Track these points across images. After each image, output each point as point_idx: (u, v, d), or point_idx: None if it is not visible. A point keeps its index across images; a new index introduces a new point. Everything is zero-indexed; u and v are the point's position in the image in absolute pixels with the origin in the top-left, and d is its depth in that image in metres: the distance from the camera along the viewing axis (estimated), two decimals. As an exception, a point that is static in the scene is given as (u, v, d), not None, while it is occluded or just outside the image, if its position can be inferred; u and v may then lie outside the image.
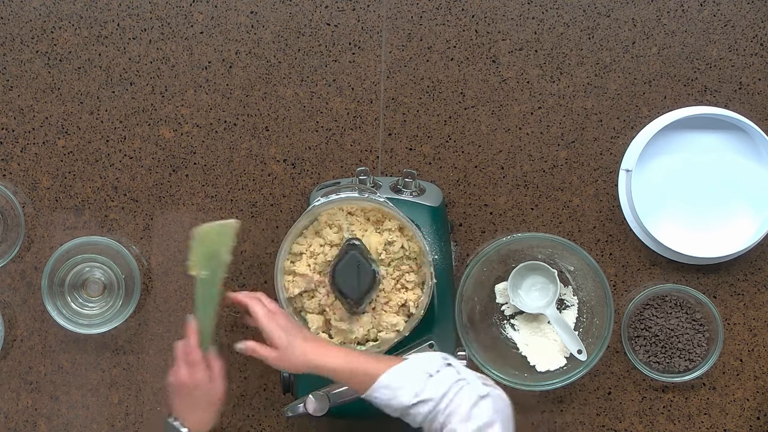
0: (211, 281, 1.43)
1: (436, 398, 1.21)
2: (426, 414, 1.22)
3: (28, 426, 1.64)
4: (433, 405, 1.21)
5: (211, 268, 1.43)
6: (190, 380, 1.39)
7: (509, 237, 1.57)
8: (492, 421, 1.20)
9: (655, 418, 1.62)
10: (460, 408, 1.20)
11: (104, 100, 1.62)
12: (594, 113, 1.61)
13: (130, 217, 1.63)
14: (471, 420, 1.19)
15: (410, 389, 1.23)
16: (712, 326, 1.59)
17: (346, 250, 1.37)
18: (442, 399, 1.21)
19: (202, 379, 1.40)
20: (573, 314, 1.60)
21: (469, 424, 1.19)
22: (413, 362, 1.26)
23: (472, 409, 1.20)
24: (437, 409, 1.21)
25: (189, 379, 1.40)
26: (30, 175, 1.63)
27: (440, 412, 1.21)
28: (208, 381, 1.40)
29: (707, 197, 1.61)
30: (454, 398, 1.21)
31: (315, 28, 1.61)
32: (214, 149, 1.62)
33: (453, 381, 1.22)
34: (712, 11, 1.60)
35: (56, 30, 1.62)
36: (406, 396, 1.23)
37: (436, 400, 1.21)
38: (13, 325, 1.63)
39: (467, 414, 1.19)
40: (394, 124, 1.62)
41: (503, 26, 1.61)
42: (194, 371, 1.40)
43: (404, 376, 1.25)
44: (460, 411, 1.20)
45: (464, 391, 1.21)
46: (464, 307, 1.54)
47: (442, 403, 1.21)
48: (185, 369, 1.40)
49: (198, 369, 1.40)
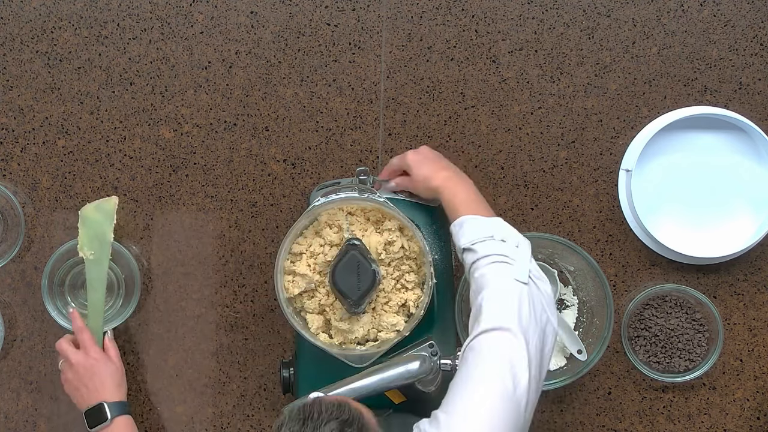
0: (99, 262, 1.53)
1: (481, 255, 1.32)
2: (469, 262, 1.35)
3: (28, 426, 1.64)
4: (476, 258, 1.33)
5: (96, 249, 1.53)
6: (86, 360, 1.46)
7: (509, 237, 1.57)
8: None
9: (655, 418, 1.62)
10: (488, 275, 1.31)
11: (104, 100, 1.62)
12: (594, 113, 1.61)
13: (130, 217, 1.63)
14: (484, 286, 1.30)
15: (470, 237, 1.35)
16: (712, 326, 1.59)
17: (346, 250, 1.37)
18: (485, 258, 1.32)
19: (98, 355, 1.46)
20: (573, 314, 1.60)
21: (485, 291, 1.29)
22: (492, 222, 1.37)
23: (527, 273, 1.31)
24: (477, 263, 1.33)
25: (83, 357, 1.46)
26: (30, 175, 1.63)
27: (477, 267, 1.33)
28: (104, 357, 1.46)
29: (707, 197, 1.61)
30: (492, 265, 1.31)
31: (315, 28, 1.61)
32: (214, 149, 1.62)
33: (502, 251, 1.32)
34: (712, 11, 1.60)
35: (56, 30, 1.62)
36: (464, 240, 1.35)
37: (480, 257, 1.32)
38: (13, 325, 1.63)
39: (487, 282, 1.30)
40: (394, 124, 1.62)
41: (503, 26, 1.61)
42: (89, 351, 1.47)
43: (475, 225, 1.36)
44: (486, 277, 1.31)
45: (502, 267, 1.31)
46: (464, 307, 1.54)
47: (482, 261, 1.32)
48: (78, 353, 1.46)
49: (92, 348, 1.47)
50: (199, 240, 1.63)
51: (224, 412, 1.63)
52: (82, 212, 1.56)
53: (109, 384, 1.46)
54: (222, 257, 1.63)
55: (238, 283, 1.63)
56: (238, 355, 1.63)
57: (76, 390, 1.48)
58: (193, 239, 1.63)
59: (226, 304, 1.63)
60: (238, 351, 1.63)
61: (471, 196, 1.42)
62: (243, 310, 1.63)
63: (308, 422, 1.12)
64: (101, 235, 1.55)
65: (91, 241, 1.54)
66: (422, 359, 1.37)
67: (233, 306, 1.63)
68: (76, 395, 1.48)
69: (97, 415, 1.46)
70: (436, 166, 1.46)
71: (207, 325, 1.63)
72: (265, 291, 1.63)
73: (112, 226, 1.55)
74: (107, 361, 1.48)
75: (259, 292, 1.63)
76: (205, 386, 1.62)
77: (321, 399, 1.18)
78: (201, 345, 1.63)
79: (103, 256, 1.54)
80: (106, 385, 1.46)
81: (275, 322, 1.63)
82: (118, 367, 1.49)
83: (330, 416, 1.13)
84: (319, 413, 1.14)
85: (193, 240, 1.63)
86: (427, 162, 1.47)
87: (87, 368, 1.47)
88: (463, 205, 1.40)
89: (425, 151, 1.49)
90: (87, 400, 1.47)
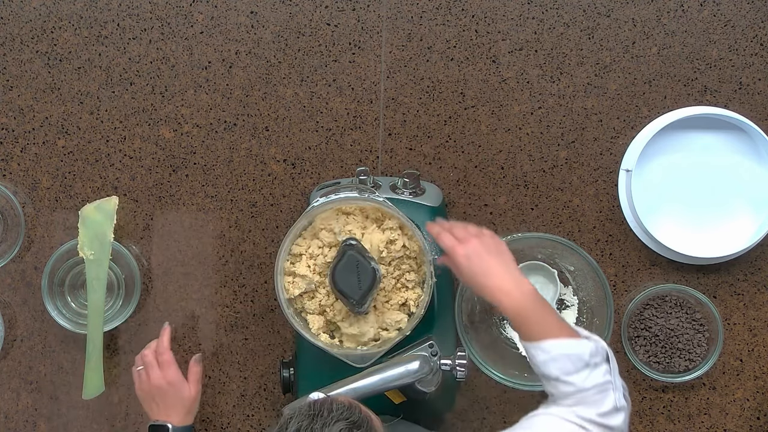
0: (99, 262, 1.53)
1: (579, 387, 1.24)
2: (562, 391, 1.26)
3: (28, 426, 1.64)
4: (573, 390, 1.25)
5: (96, 249, 1.54)
6: (163, 380, 1.44)
7: (509, 237, 1.57)
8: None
9: (655, 418, 1.62)
10: (594, 406, 1.24)
11: (104, 100, 1.62)
12: (594, 113, 1.61)
13: (130, 217, 1.63)
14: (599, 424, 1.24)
15: (563, 367, 1.25)
16: (712, 326, 1.59)
17: (344, 251, 1.37)
18: (584, 391, 1.24)
19: (175, 378, 1.44)
20: (573, 314, 1.60)
21: (596, 426, 1.23)
22: (579, 345, 1.26)
23: (605, 417, 1.24)
24: (574, 395, 1.25)
25: (162, 379, 1.44)
26: (30, 175, 1.63)
27: (575, 396, 1.25)
28: (181, 381, 1.45)
29: (707, 197, 1.61)
30: (595, 396, 1.24)
31: (315, 28, 1.61)
32: (214, 149, 1.62)
33: (602, 381, 1.25)
34: (712, 11, 1.60)
35: (56, 30, 1.62)
36: (556, 370, 1.25)
37: (579, 388, 1.24)
38: (13, 325, 1.63)
39: (598, 416, 1.24)
40: (394, 124, 1.62)
41: (503, 26, 1.61)
42: (166, 372, 1.44)
43: (565, 352, 1.25)
44: (591, 408, 1.24)
45: (607, 395, 1.25)
46: (464, 307, 1.54)
47: (581, 394, 1.24)
48: (157, 371, 1.44)
49: (170, 369, 1.45)
50: (199, 240, 1.63)
51: (224, 412, 1.63)
52: (82, 212, 1.57)
53: (179, 409, 1.46)
54: (222, 257, 1.63)
55: (238, 283, 1.63)
56: (238, 355, 1.63)
57: (147, 403, 1.48)
58: (193, 239, 1.63)
59: (226, 304, 1.63)
60: (238, 351, 1.63)
61: (537, 310, 1.29)
62: (243, 310, 1.63)
63: (317, 419, 1.12)
64: (101, 235, 1.55)
65: (91, 241, 1.55)
66: (422, 359, 1.37)
67: (233, 306, 1.63)
68: (146, 406, 1.49)
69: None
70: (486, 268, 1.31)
71: (207, 325, 1.63)
72: (265, 291, 1.63)
73: (112, 226, 1.55)
74: (182, 386, 1.47)
75: (259, 292, 1.63)
76: (205, 386, 1.62)
77: (331, 398, 1.18)
78: (201, 345, 1.63)
79: (103, 256, 1.55)
80: (176, 409, 1.46)
81: (275, 322, 1.63)
82: (193, 393, 1.48)
83: (340, 416, 1.13)
84: (329, 411, 1.14)
85: (193, 240, 1.63)
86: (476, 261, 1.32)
87: (161, 389, 1.46)
88: (534, 325, 1.27)
89: (475, 247, 1.32)
90: (155, 415, 1.47)
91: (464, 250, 1.32)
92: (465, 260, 1.31)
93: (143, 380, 1.48)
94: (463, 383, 1.61)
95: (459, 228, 1.36)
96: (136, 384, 1.49)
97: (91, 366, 1.57)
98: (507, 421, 1.62)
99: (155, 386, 1.46)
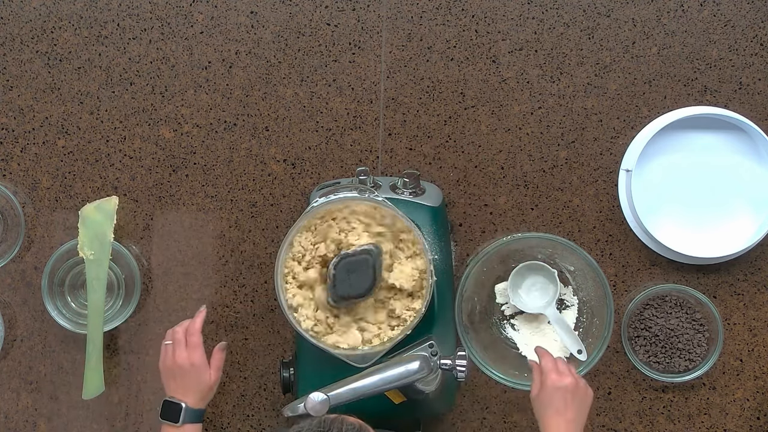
0: (99, 262, 1.54)
1: None
2: None
3: (28, 426, 1.64)
4: None
5: (96, 249, 1.55)
6: (187, 361, 1.44)
7: (509, 237, 1.57)
8: None
9: (655, 418, 1.62)
10: None
11: (104, 100, 1.62)
12: (594, 113, 1.61)
13: (130, 217, 1.63)
14: None
15: None
16: (712, 326, 1.59)
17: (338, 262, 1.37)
18: None
19: (199, 361, 1.45)
20: (573, 314, 1.60)
21: None
22: None
23: None
24: None
25: (186, 359, 1.44)
26: (30, 175, 1.63)
27: None
28: (204, 365, 1.45)
29: (707, 197, 1.61)
30: None
31: (315, 28, 1.61)
32: (214, 149, 1.62)
33: None
34: (712, 11, 1.60)
35: (56, 30, 1.62)
36: None
37: None
38: (13, 325, 1.63)
39: None
40: (394, 124, 1.62)
41: (503, 26, 1.61)
42: (192, 353, 1.45)
43: None
44: None
45: None
46: (464, 307, 1.54)
47: None
48: (183, 350, 1.45)
49: (197, 352, 1.45)
50: (199, 240, 1.63)
51: (224, 412, 1.63)
52: (82, 212, 1.57)
53: (196, 392, 1.46)
54: (222, 257, 1.63)
55: (238, 283, 1.63)
56: (238, 355, 1.63)
57: (167, 378, 1.48)
58: (193, 239, 1.63)
59: (226, 304, 1.63)
60: (238, 351, 1.63)
61: None
62: (243, 310, 1.63)
63: None
64: (101, 235, 1.55)
65: (91, 241, 1.55)
66: (422, 359, 1.37)
67: (233, 306, 1.63)
68: (165, 381, 1.48)
69: (172, 411, 1.45)
70: (560, 407, 1.39)
71: (207, 325, 1.63)
72: (265, 291, 1.63)
73: (112, 226, 1.55)
74: (204, 370, 1.47)
75: (259, 292, 1.63)
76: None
77: (342, 418, 1.17)
78: (201, 345, 1.63)
79: (103, 256, 1.55)
80: (193, 391, 1.46)
81: (275, 322, 1.63)
82: (213, 379, 1.48)
83: None
84: (339, 430, 1.14)
85: (193, 240, 1.63)
86: (558, 395, 1.39)
87: (183, 368, 1.46)
88: None
89: (568, 384, 1.40)
90: (172, 392, 1.47)
91: (558, 381, 1.40)
92: (551, 388, 1.39)
93: (168, 356, 1.47)
94: (463, 383, 1.61)
95: (563, 363, 1.44)
96: (161, 358, 1.48)
97: (91, 366, 1.57)
98: (507, 421, 1.62)
99: (178, 365, 1.46)
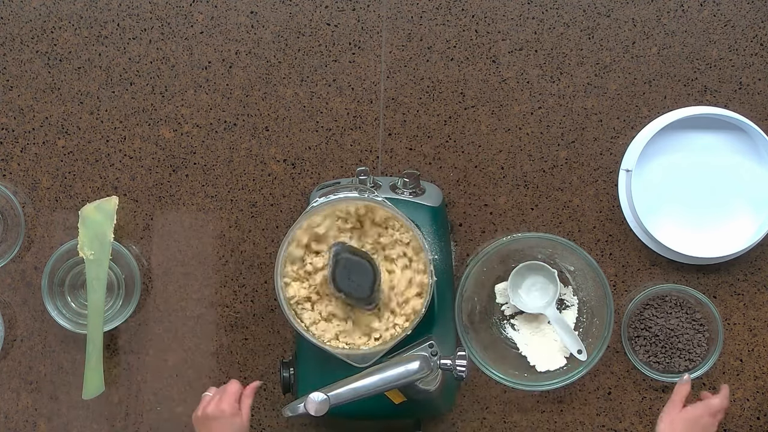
0: (99, 262, 1.54)
1: None
2: None
3: (28, 426, 1.64)
4: None
5: (96, 249, 1.55)
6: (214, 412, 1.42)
7: (509, 237, 1.57)
8: None
9: (655, 418, 1.62)
10: None
11: (104, 100, 1.62)
12: (594, 113, 1.61)
13: (130, 217, 1.63)
14: None
15: None
16: (712, 326, 1.59)
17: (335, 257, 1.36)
18: None
19: (229, 410, 1.42)
20: (573, 314, 1.60)
21: None
22: None
23: None
24: None
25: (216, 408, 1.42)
26: (30, 175, 1.63)
27: None
28: (233, 414, 1.43)
29: (707, 197, 1.61)
30: None
31: (315, 28, 1.61)
32: (214, 149, 1.62)
33: None
34: (712, 11, 1.60)
35: (56, 30, 1.62)
36: None
37: None
38: (13, 325, 1.63)
39: None
40: (394, 124, 1.62)
41: (503, 26, 1.61)
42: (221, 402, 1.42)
43: None
44: None
45: None
46: (464, 307, 1.54)
47: None
48: (214, 403, 1.43)
49: (226, 400, 1.43)
50: (199, 240, 1.63)
51: (224, 412, 1.63)
52: (82, 212, 1.57)
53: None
54: (222, 257, 1.63)
55: (238, 283, 1.63)
56: (238, 355, 1.63)
57: (200, 426, 1.46)
58: (193, 239, 1.63)
59: (226, 304, 1.63)
60: (238, 351, 1.63)
61: None
62: (243, 310, 1.63)
63: None
64: (101, 235, 1.55)
65: (91, 241, 1.55)
66: (422, 359, 1.37)
67: (233, 306, 1.63)
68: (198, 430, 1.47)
69: None
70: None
71: (207, 325, 1.63)
72: (265, 291, 1.63)
73: (112, 226, 1.55)
74: (234, 416, 1.44)
75: (259, 292, 1.63)
76: (205, 386, 1.62)
77: None
78: (201, 345, 1.63)
79: (103, 256, 1.55)
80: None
81: (275, 322, 1.63)
82: (243, 422, 1.46)
83: None
84: None
85: (193, 240, 1.63)
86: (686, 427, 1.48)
87: (211, 417, 1.44)
88: None
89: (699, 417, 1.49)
90: None
91: (718, 416, 1.49)
92: (710, 424, 1.48)
93: (200, 407, 1.46)
94: (463, 383, 1.61)
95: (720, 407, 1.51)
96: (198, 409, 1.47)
97: (91, 366, 1.57)
98: (507, 421, 1.62)
99: (204, 416, 1.44)
